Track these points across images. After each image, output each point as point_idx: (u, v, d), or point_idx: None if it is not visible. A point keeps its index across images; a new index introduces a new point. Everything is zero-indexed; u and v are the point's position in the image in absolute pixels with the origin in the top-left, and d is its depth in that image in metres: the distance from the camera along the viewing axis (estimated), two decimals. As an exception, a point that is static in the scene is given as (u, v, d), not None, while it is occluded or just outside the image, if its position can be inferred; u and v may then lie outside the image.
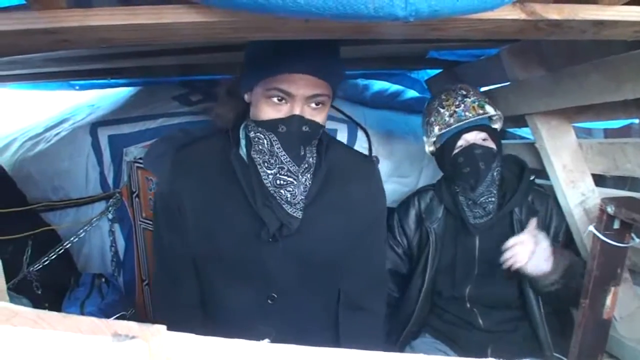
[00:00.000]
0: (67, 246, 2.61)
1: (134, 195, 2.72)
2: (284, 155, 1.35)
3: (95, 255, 2.83)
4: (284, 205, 1.38)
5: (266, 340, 0.48)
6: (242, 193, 1.42)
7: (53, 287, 2.55)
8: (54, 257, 2.52)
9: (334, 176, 1.49)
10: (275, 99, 1.32)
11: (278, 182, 1.37)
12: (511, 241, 1.72)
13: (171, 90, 2.91)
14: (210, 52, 2.02)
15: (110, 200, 2.70)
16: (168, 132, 2.61)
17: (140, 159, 2.65)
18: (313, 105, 1.34)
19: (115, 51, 2.09)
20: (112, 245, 2.79)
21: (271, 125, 1.34)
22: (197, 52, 2.06)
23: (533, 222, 1.78)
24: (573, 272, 1.75)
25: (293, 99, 1.31)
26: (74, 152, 2.67)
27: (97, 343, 0.44)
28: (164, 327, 0.47)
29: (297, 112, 1.32)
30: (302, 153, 1.37)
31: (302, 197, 1.40)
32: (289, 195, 1.37)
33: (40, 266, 2.46)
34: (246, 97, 1.42)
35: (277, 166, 1.36)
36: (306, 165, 1.40)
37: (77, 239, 2.65)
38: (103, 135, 2.67)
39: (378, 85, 3.02)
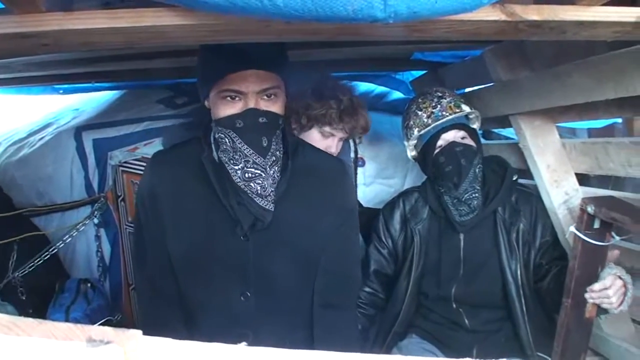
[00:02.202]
0: (53, 252, 2.59)
1: (120, 199, 2.71)
2: (247, 148, 1.40)
3: (81, 260, 2.80)
4: (255, 199, 1.42)
5: (243, 344, 0.48)
6: (216, 194, 1.45)
7: (38, 293, 2.52)
8: (39, 262, 2.49)
9: (304, 174, 1.53)
10: (228, 98, 1.39)
11: (247, 175, 1.41)
12: (597, 286, 1.61)
13: (156, 93, 2.90)
14: (195, 55, 2.01)
15: (96, 204, 2.68)
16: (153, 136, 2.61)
17: (126, 162, 2.63)
18: (265, 97, 1.39)
19: (99, 54, 2.08)
20: (98, 250, 2.76)
21: (229, 122, 1.39)
22: (182, 55, 2.05)
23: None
24: None
25: (245, 96, 1.37)
26: (58, 156, 2.66)
27: (71, 349, 0.44)
28: (139, 331, 0.47)
29: (251, 106, 1.38)
30: (265, 144, 1.41)
31: (272, 190, 1.43)
32: (259, 188, 1.41)
33: (26, 272, 2.44)
34: (206, 104, 1.48)
35: (243, 160, 1.40)
36: (273, 158, 1.43)
37: (63, 244, 2.63)
38: (87, 139, 2.66)
39: (363, 86, 3.03)
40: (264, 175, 1.41)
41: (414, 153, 2.06)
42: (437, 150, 1.93)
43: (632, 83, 1.37)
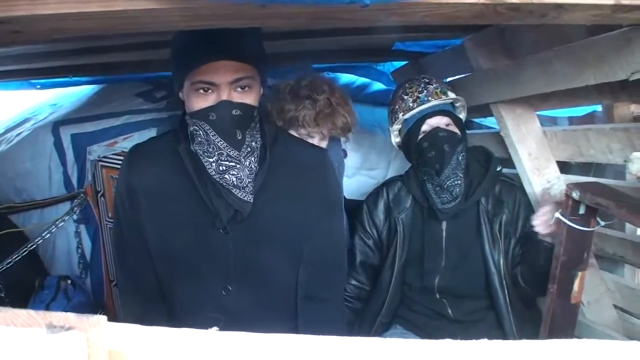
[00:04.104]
0: (32, 248, 2.55)
1: (99, 194, 2.67)
2: (220, 141, 1.37)
3: (61, 257, 2.77)
4: (233, 190, 1.39)
5: (214, 328, 0.47)
6: (194, 187, 1.43)
7: (18, 291, 2.49)
8: (17, 258, 2.46)
9: (285, 165, 1.51)
10: (201, 91, 1.36)
11: (221, 168, 1.39)
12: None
13: (135, 87, 2.86)
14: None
15: (75, 200, 2.64)
16: (133, 130, 2.58)
17: (105, 157, 2.60)
18: (239, 89, 1.37)
19: (76, 47, 2.05)
20: (79, 247, 2.74)
21: (202, 115, 1.37)
22: (160, 47, 2.02)
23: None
24: None
25: (218, 87, 1.35)
26: (36, 152, 2.62)
27: (30, 336, 0.42)
28: (104, 317, 0.45)
29: (224, 98, 1.35)
30: (240, 137, 1.38)
31: (250, 180, 1.41)
32: (234, 179, 1.39)
33: (4, 268, 2.40)
34: (180, 95, 1.46)
35: (217, 153, 1.38)
36: (249, 149, 1.41)
37: (41, 240, 2.59)
38: (66, 134, 2.62)
39: (344, 78, 3.02)
40: (238, 166, 1.39)
41: (398, 139, 2.05)
42: (421, 136, 1.92)
43: (611, 69, 1.37)
